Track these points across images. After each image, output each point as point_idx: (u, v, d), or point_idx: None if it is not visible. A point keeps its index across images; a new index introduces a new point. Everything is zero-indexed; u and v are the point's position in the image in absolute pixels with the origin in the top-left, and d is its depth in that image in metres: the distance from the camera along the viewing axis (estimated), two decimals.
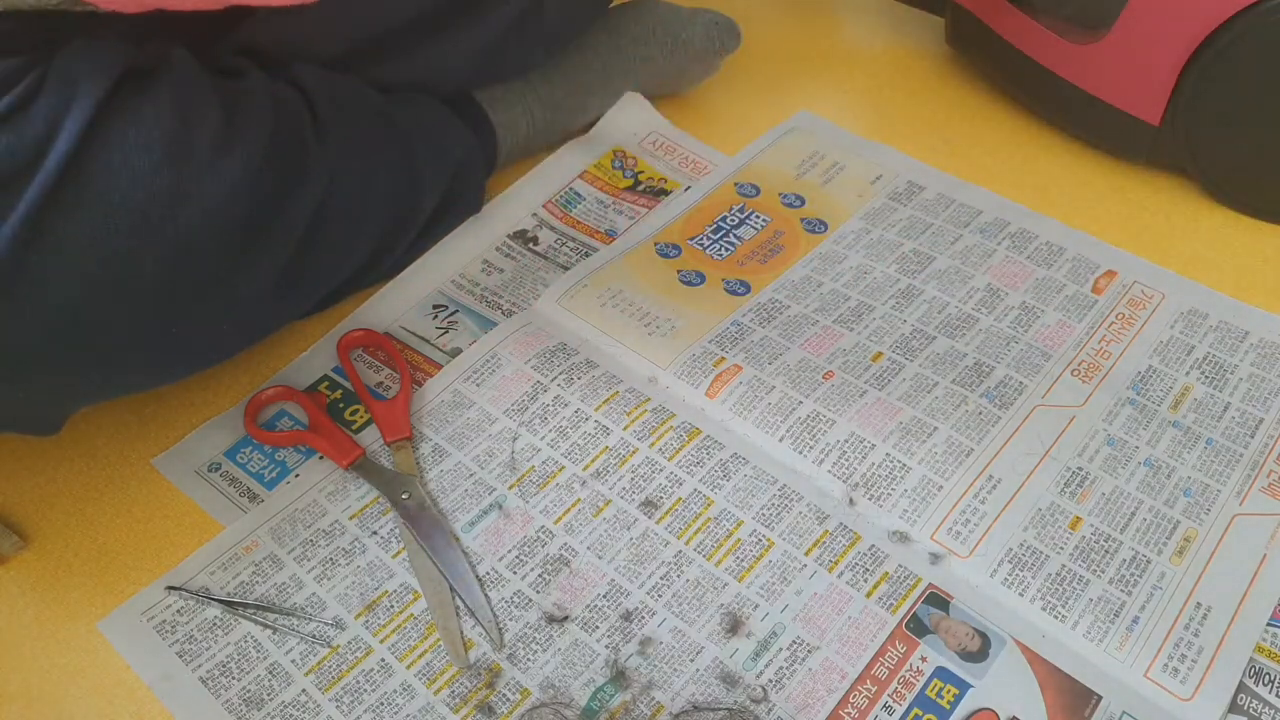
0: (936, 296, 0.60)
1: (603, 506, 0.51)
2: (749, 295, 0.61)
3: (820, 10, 0.85)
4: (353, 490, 0.52)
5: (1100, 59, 0.65)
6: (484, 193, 0.67)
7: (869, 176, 0.69)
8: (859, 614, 0.47)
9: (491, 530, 0.51)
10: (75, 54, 0.44)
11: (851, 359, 0.57)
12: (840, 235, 0.65)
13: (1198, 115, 0.62)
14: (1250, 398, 0.55)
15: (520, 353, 0.58)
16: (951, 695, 0.44)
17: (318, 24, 0.57)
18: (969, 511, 0.50)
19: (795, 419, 0.54)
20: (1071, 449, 0.52)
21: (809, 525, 0.50)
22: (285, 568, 0.50)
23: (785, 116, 0.73)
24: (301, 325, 0.60)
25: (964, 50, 0.77)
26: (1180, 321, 0.59)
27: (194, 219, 0.45)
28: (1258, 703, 0.44)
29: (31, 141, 0.42)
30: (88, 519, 0.53)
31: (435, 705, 0.45)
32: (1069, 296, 0.60)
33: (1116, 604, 0.46)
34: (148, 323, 0.47)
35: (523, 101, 0.68)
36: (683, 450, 0.53)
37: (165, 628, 0.48)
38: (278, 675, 0.46)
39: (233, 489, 0.53)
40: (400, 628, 0.47)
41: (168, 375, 0.52)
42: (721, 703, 0.44)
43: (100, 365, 0.47)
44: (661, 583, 0.48)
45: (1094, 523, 0.49)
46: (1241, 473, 0.51)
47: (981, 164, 0.70)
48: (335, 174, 0.52)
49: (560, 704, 0.44)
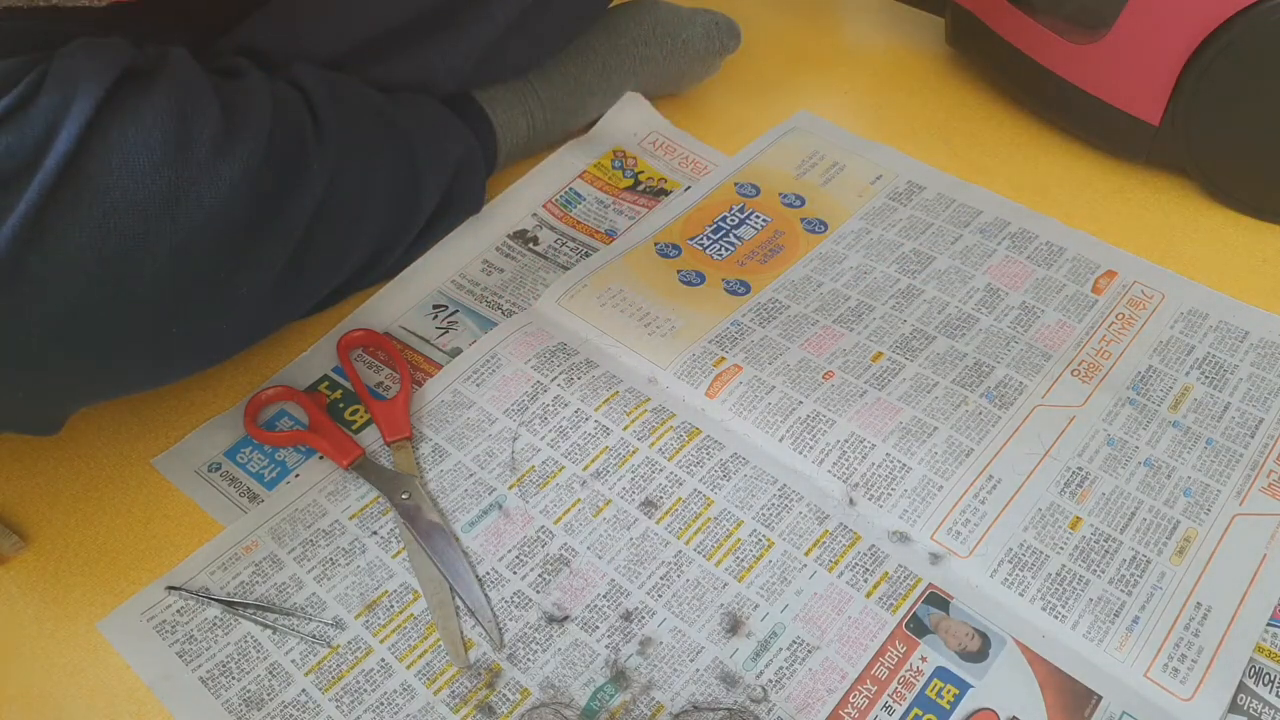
0: (936, 296, 0.60)
1: (603, 506, 0.51)
2: (749, 295, 0.61)
3: (820, 10, 0.85)
4: (353, 490, 0.52)
5: (1100, 59, 0.65)
6: (484, 193, 0.67)
7: (869, 176, 0.69)
8: (859, 614, 0.47)
9: (491, 530, 0.51)
10: (75, 54, 0.44)
11: (851, 359, 0.57)
12: (840, 235, 0.65)
13: (1198, 115, 0.62)
14: (1250, 398, 0.55)
15: (520, 353, 0.58)
16: (951, 695, 0.44)
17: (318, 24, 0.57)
18: (969, 511, 0.50)
19: (795, 419, 0.54)
20: (1071, 449, 0.52)
21: (809, 525, 0.50)
22: (285, 568, 0.50)
23: (785, 116, 0.73)
24: (301, 325, 0.60)
25: (964, 50, 0.77)
26: (1180, 321, 0.59)
27: (194, 219, 0.45)
28: (1258, 703, 0.44)
29: (31, 141, 0.42)
30: (88, 519, 0.53)
31: (435, 705, 0.45)
32: (1069, 296, 0.60)
33: (1116, 604, 0.46)
34: (147, 323, 0.46)
35: (523, 102, 0.68)
36: (683, 450, 0.53)
37: (165, 628, 0.48)
38: (278, 675, 0.46)
39: (233, 489, 0.53)
40: (400, 628, 0.47)
41: (168, 375, 0.52)
42: (721, 703, 0.44)
43: (100, 365, 0.47)
44: (661, 583, 0.48)
45: (1094, 523, 0.49)
46: (1241, 473, 0.51)
47: (981, 164, 0.70)
48: (335, 174, 0.52)
49: (560, 704, 0.44)
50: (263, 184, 0.48)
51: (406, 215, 0.61)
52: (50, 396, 0.48)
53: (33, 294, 0.42)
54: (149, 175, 0.44)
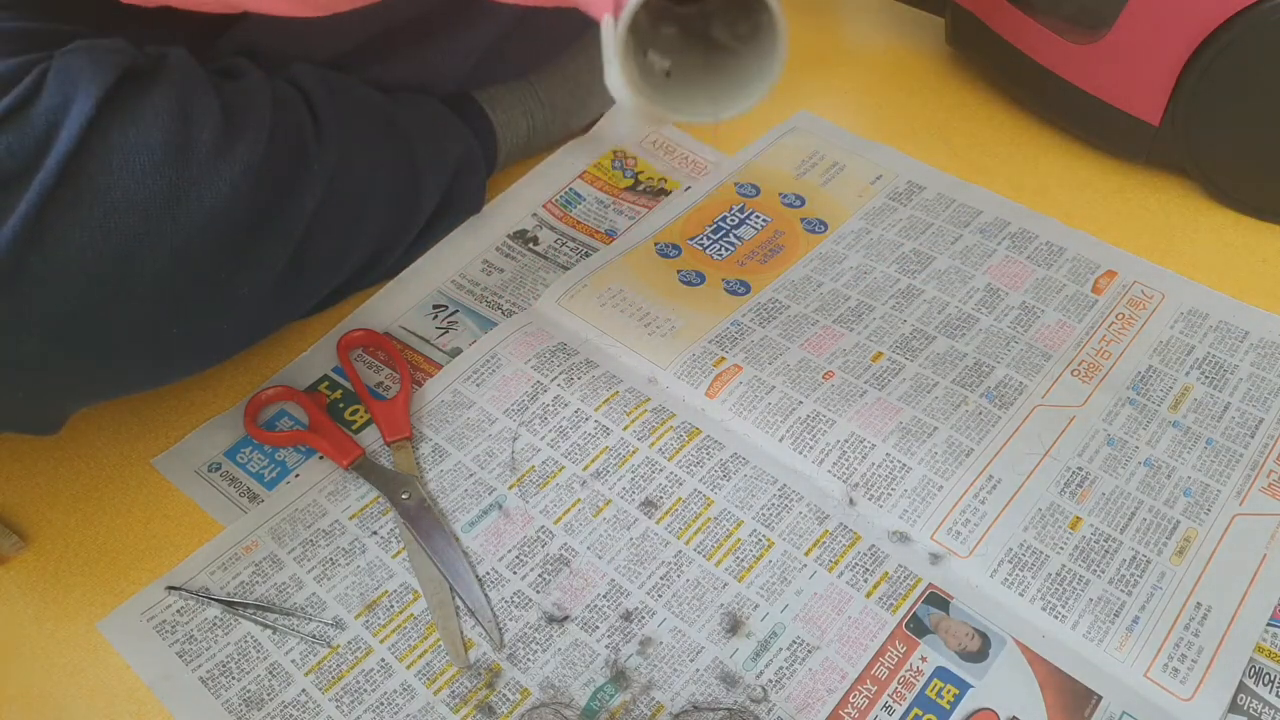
0: (936, 296, 0.60)
1: (603, 506, 0.51)
2: (749, 295, 0.61)
3: (820, 10, 0.85)
4: (353, 490, 0.52)
5: (1100, 59, 0.65)
6: (484, 192, 0.67)
7: (869, 176, 0.69)
8: (859, 614, 0.47)
9: (491, 530, 0.51)
10: (75, 54, 0.44)
11: (851, 359, 0.57)
12: (840, 235, 0.65)
13: (1198, 115, 0.62)
14: (1250, 398, 0.55)
15: (520, 353, 0.58)
16: (951, 695, 0.44)
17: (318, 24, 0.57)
18: (969, 511, 0.50)
19: (795, 419, 0.54)
20: (1071, 449, 0.52)
21: (809, 525, 0.50)
22: (285, 568, 0.50)
23: (785, 116, 0.73)
24: (301, 325, 0.60)
25: (964, 50, 0.77)
26: (1180, 321, 0.59)
27: (194, 219, 0.45)
28: (1258, 703, 0.44)
29: (31, 142, 0.42)
30: (88, 519, 0.53)
31: (435, 705, 0.45)
32: (1069, 296, 0.60)
33: (1116, 604, 0.46)
34: (148, 323, 0.47)
35: (523, 102, 0.68)
36: (683, 450, 0.53)
37: (165, 628, 0.48)
38: (278, 675, 0.46)
39: (233, 489, 0.53)
40: (400, 628, 0.47)
41: (168, 375, 0.52)
42: (721, 703, 0.44)
43: (100, 365, 0.47)
44: (661, 583, 0.48)
45: (1094, 523, 0.49)
46: (1241, 473, 0.51)
47: (981, 164, 0.70)
48: (335, 174, 0.52)
49: (560, 704, 0.44)
50: (263, 184, 0.48)
51: (406, 215, 0.61)
52: (50, 396, 0.48)
53: (33, 294, 0.42)
54: (149, 175, 0.44)
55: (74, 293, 0.43)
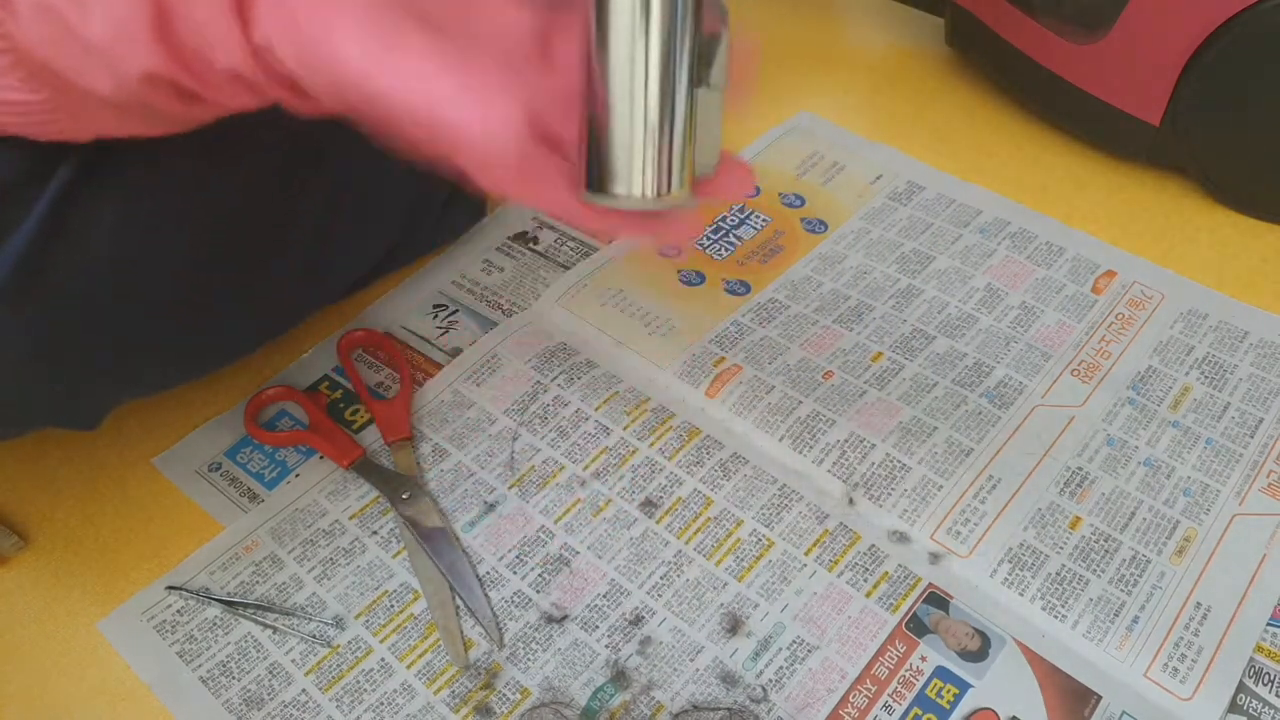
0: (936, 296, 0.60)
1: (603, 506, 0.51)
2: (749, 295, 0.61)
3: (820, 10, 0.85)
4: (353, 490, 0.52)
5: (1100, 59, 0.65)
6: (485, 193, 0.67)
7: (869, 176, 0.69)
8: (859, 614, 0.47)
9: (491, 530, 0.51)
10: None
11: (851, 359, 0.57)
12: (840, 235, 0.65)
13: (1198, 115, 0.62)
14: (1250, 398, 0.55)
15: (520, 352, 0.58)
16: (951, 695, 0.44)
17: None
18: (969, 511, 0.50)
19: (795, 419, 0.54)
20: (1071, 449, 0.52)
21: (809, 525, 0.50)
22: (285, 568, 0.50)
23: (785, 116, 0.73)
24: (301, 325, 0.61)
25: (964, 50, 0.77)
26: (1180, 321, 0.59)
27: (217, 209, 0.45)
28: (1258, 703, 0.44)
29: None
30: (88, 519, 0.53)
31: (435, 705, 0.45)
32: (1069, 296, 0.60)
33: (1116, 604, 0.46)
34: (176, 317, 0.47)
35: None
36: (683, 450, 0.53)
37: (165, 628, 0.48)
38: (278, 675, 0.46)
39: (233, 489, 0.53)
40: (400, 628, 0.47)
41: (201, 369, 0.54)
42: (721, 703, 0.44)
43: (128, 361, 0.47)
44: (661, 582, 0.48)
45: (1094, 522, 0.49)
46: (1241, 473, 0.51)
47: (981, 164, 0.70)
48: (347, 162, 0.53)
49: (560, 704, 0.44)
50: (282, 171, 0.48)
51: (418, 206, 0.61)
52: (88, 391, 0.48)
53: (60, 290, 0.42)
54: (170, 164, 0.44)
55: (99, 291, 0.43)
